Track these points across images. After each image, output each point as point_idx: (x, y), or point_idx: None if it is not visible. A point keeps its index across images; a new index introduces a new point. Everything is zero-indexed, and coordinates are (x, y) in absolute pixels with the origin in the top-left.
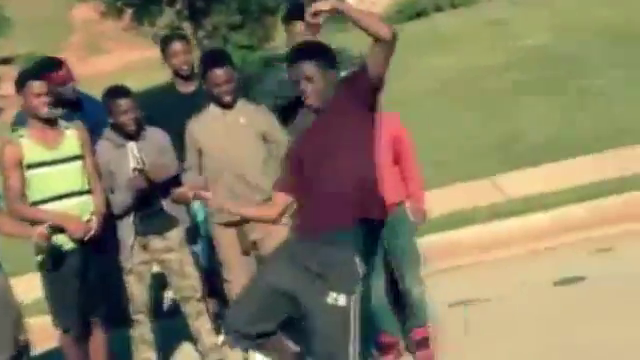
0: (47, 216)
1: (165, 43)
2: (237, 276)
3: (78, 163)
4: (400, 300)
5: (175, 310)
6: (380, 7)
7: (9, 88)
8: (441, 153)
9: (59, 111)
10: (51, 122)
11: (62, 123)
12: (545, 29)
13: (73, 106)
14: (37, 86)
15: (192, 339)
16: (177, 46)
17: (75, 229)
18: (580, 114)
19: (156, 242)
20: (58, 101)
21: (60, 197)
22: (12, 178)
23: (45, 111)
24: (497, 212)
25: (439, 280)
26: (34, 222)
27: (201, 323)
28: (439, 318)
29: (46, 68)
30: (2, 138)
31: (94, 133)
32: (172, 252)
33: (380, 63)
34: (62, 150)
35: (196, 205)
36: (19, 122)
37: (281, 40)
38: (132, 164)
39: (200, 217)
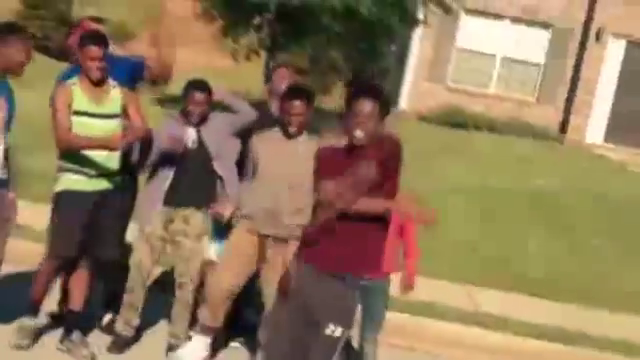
0: (93, 142)
1: (277, 66)
2: (224, 276)
3: (116, 121)
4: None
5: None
6: (431, 105)
7: None
8: (430, 250)
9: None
10: (99, 82)
11: (111, 82)
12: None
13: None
14: (94, 51)
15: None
16: (284, 72)
17: (115, 139)
18: (571, 259)
19: (179, 224)
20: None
21: (95, 146)
22: (62, 115)
23: (97, 74)
24: (462, 317)
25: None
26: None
27: (181, 311)
28: None
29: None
30: (60, 82)
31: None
32: (188, 239)
33: None
34: (105, 107)
35: None
36: (67, 76)
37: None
38: (188, 143)
39: None
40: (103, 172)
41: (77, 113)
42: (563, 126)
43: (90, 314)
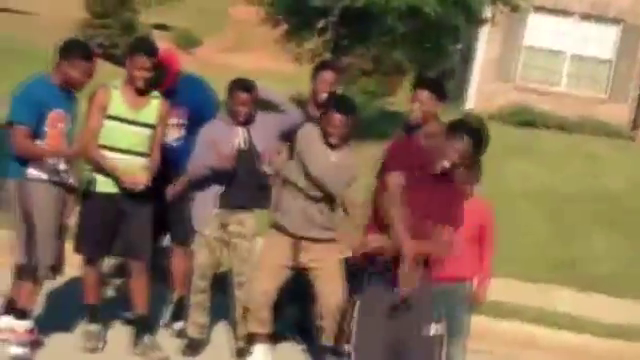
0: (109, 166)
1: (320, 67)
2: (261, 281)
3: (150, 130)
4: None
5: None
6: (499, 104)
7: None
8: (502, 251)
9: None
10: (141, 91)
11: (153, 92)
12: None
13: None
14: (141, 61)
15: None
16: (329, 76)
17: (126, 181)
18: None
19: (234, 226)
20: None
21: (123, 151)
22: (94, 119)
23: (140, 84)
24: (538, 318)
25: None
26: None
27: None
28: None
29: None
30: (103, 83)
31: (201, 113)
32: (244, 239)
33: None
34: (141, 115)
35: None
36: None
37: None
38: (238, 144)
39: None
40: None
41: (111, 117)
42: (635, 124)
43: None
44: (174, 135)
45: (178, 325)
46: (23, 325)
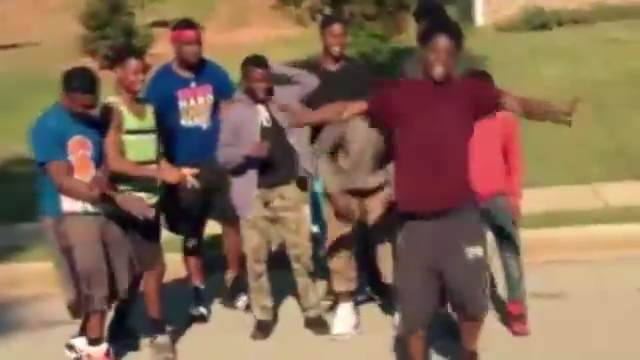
0: (144, 171)
1: (327, 23)
2: (338, 240)
3: (154, 136)
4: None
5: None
6: (508, 13)
7: (161, 48)
8: (547, 156)
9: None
10: (137, 97)
11: (142, 97)
12: None
13: (196, 67)
14: (135, 64)
15: (296, 294)
16: (337, 28)
17: (169, 176)
18: None
19: (276, 201)
20: (184, 62)
21: (145, 163)
22: (114, 138)
23: (138, 88)
24: (595, 216)
25: (528, 273)
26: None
27: (307, 281)
28: None
29: (176, 28)
30: (106, 103)
31: (222, 95)
32: (289, 211)
33: (513, 110)
34: (145, 122)
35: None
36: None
37: (412, 33)
38: (261, 123)
39: (318, 189)
40: (155, 185)
41: (128, 132)
42: None
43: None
44: (205, 115)
45: (242, 300)
46: (98, 350)
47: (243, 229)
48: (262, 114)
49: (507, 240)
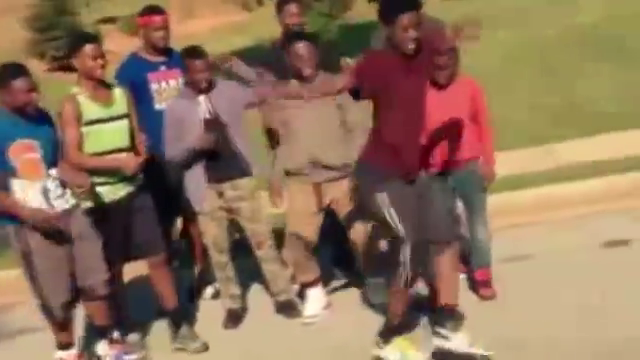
0: (104, 162)
1: (282, 4)
2: (297, 232)
3: (126, 121)
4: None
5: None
6: None
7: (110, 44)
8: (501, 120)
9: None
10: (103, 82)
11: (109, 83)
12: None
13: (165, 53)
14: (93, 48)
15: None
16: (293, 8)
17: (128, 164)
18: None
19: (229, 192)
20: (152, 47)
21: (110, 152)
22: (72, 132)
23: (100, 73)
24: (552, 177)
25: (493, 238)
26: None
27: (273, 267)
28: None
29: (144, 13)
30: (65, 95)
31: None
32: (244, 201)
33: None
34: (114, 108)
35: None
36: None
37: (359, 10)
38: (203, 115)
39: None
40: (125, 175)
41: (88, 123)
42: None
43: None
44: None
45: (209, 290)
46: (69, 354)
47: (200, 222)
48: (204, 106)
49: (476, 206)
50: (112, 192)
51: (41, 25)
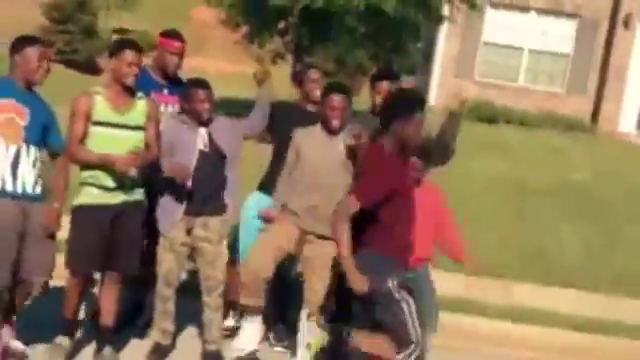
0: (97, 156)
1: (304, 72)
2: (260, 256)
3: (139, 133)
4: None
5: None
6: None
7: None
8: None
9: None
10: (129, 90)
11: (138, 94)
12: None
13: (174, 82)
14: (131, 56)
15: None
16: (315, 75)
17: (121, 162)
18: (607, 249)
19: (199, 230)
20: (162, 69)
21: None
22: (77, 125)
23: (130, 81)
24: (504, 313)
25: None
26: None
27: (215, 316)
28: None
29: (166, 35)
30: (84, 90)
31: None
32: (210, 243)
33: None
34: (129, 117)
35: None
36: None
37: (364, 97)
38: (200, 146)
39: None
40: (123, 183)
41: (97, 123)
42: (594, 116)
43: (121, 328)
44: None
45: (141, 320)
46: None
47: (160, 249)
48: (202, 137)
49: (427, 311)
50: (105, 197)
51: (58, 16)
